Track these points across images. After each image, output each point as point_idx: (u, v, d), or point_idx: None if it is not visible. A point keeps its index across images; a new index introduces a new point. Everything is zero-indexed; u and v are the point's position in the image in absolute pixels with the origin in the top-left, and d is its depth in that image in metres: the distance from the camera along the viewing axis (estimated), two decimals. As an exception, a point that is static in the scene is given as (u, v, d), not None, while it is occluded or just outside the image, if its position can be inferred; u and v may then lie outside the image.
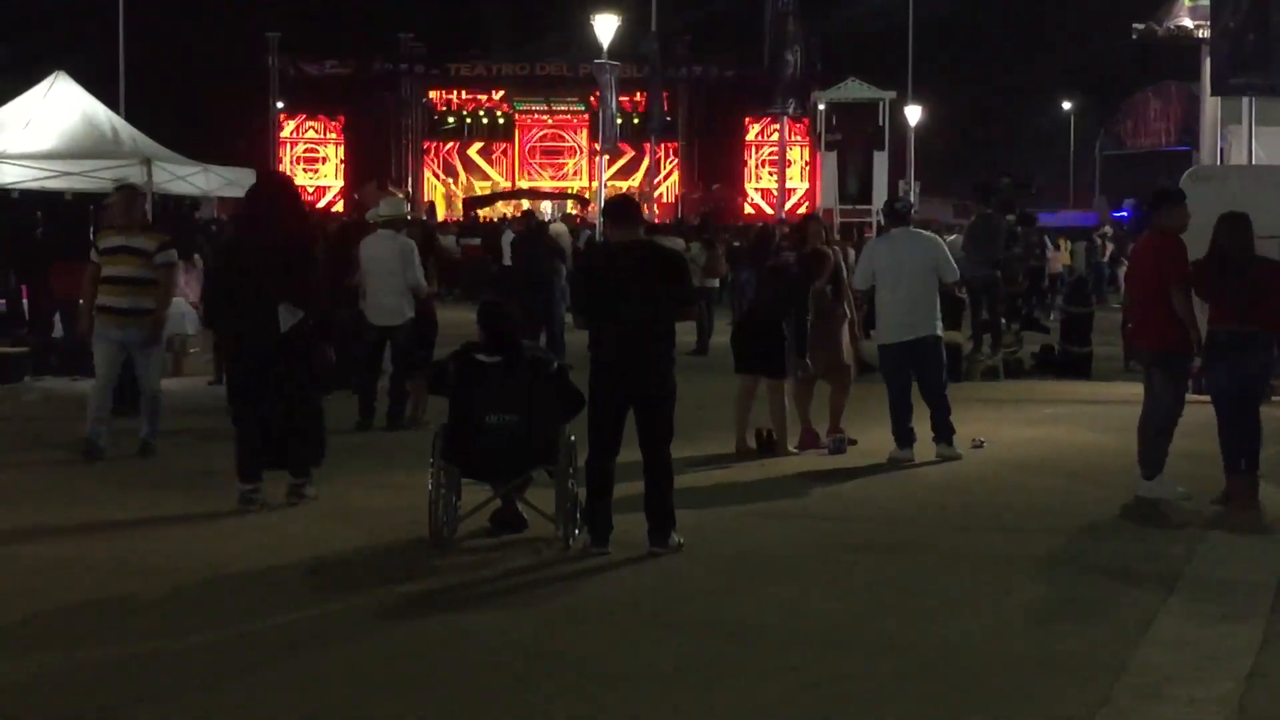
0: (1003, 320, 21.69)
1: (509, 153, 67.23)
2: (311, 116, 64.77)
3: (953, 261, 14.04)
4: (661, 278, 9.90)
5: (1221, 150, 32.03)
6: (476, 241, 38.00)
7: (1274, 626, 8.20)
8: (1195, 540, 10.43)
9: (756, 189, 63.48)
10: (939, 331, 13.87)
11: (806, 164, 61.34)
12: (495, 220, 49.37)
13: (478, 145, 66.92)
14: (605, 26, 42.03)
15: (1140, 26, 31.57)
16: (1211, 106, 30.93)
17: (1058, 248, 41.71)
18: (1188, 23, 30.31)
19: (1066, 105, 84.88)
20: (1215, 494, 11.55)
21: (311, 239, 12.16)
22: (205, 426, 14.82)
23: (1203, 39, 29.22)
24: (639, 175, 62.41)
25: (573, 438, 10.08)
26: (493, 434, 9.93)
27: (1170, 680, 7.21)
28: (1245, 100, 31.00)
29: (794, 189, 59.60)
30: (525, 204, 50.45)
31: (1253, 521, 11.14)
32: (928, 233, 14.30)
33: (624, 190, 52.82)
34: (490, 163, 67.08)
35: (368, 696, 6.98)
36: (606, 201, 11.09)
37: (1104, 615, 8.45)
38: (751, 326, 14.25)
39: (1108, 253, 42.99)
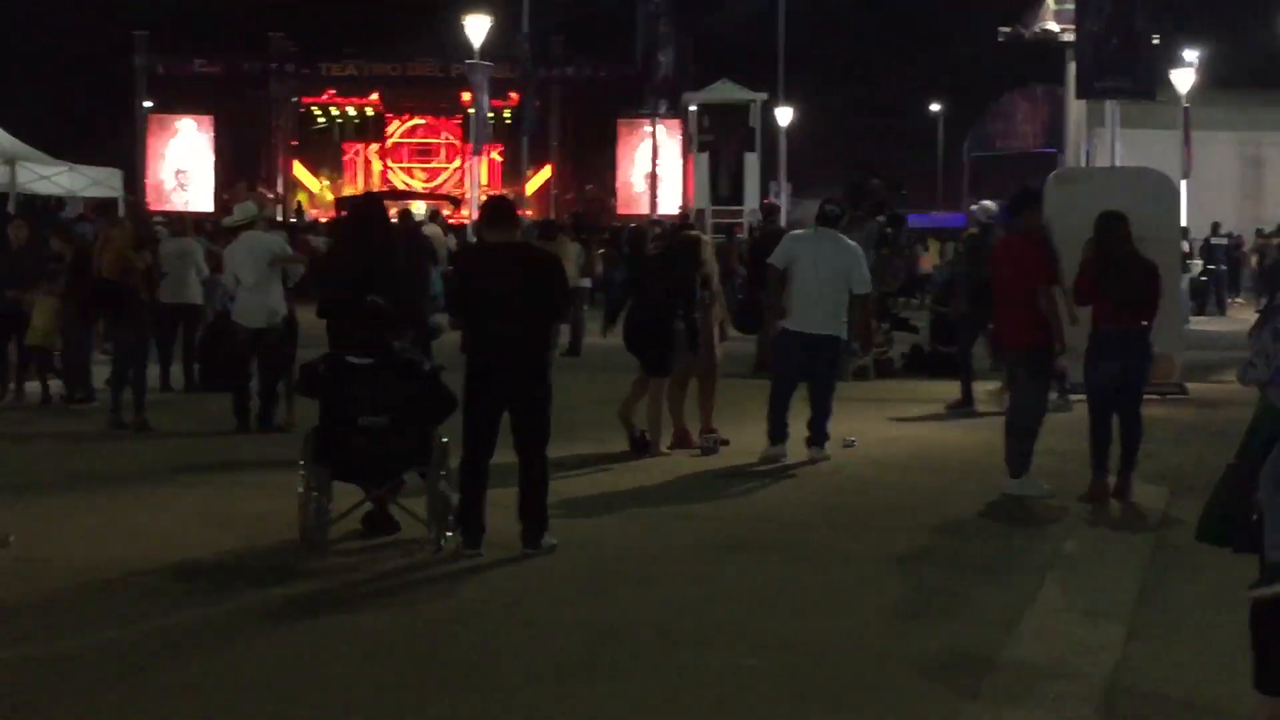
0: (873, 320, 21.84)
1: (377, 153, 66.74)
2: (181, 116, 63.94)
3: (867, 275, 14.15)
4: (538, 280, 9.90)
5: (1087, 152, 32.58)
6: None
7: (1139, 620, 8.34)
8: (1062, 537, 10.59)
9: (628, 189, 63.52)
10: (842, 335, 14.01)
11: (678, 165, 61.47)
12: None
13: (334, 146, 66.34)
14: (477, 27, 41.88)
15: (1007, 30, 32.05)
16: (1076, 109, 31.46)
17: (926, 248, 42.16)
18: (1053, 26, 30.83)
19: (935, 107, 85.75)
20: (1081, 491, 11.73)
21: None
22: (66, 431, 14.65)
23: (1068, 43, 29.69)
24: (512, 175, 62.24)
25: (445, 439, 10.05)
26: (364, 436, 9.87)
27: (1039, 675, 7.31)
28: (1109, 103, 31.61)
29: (666, 190, 59.67)
30: (404, 205, 50.15)
31: (1118, 517, 11.33)
32: (852, 242, 14.38)
33: (499, 193, 52.67)
34: (357, 163, 66.53)
35: (247, 700, 6.92)
36: (484, 203, 11.06)
37: (973, 611, 8.55)
38: (640, 324, 14.20)
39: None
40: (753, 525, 11.08)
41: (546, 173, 63.60)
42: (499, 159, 62.73)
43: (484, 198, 14.11)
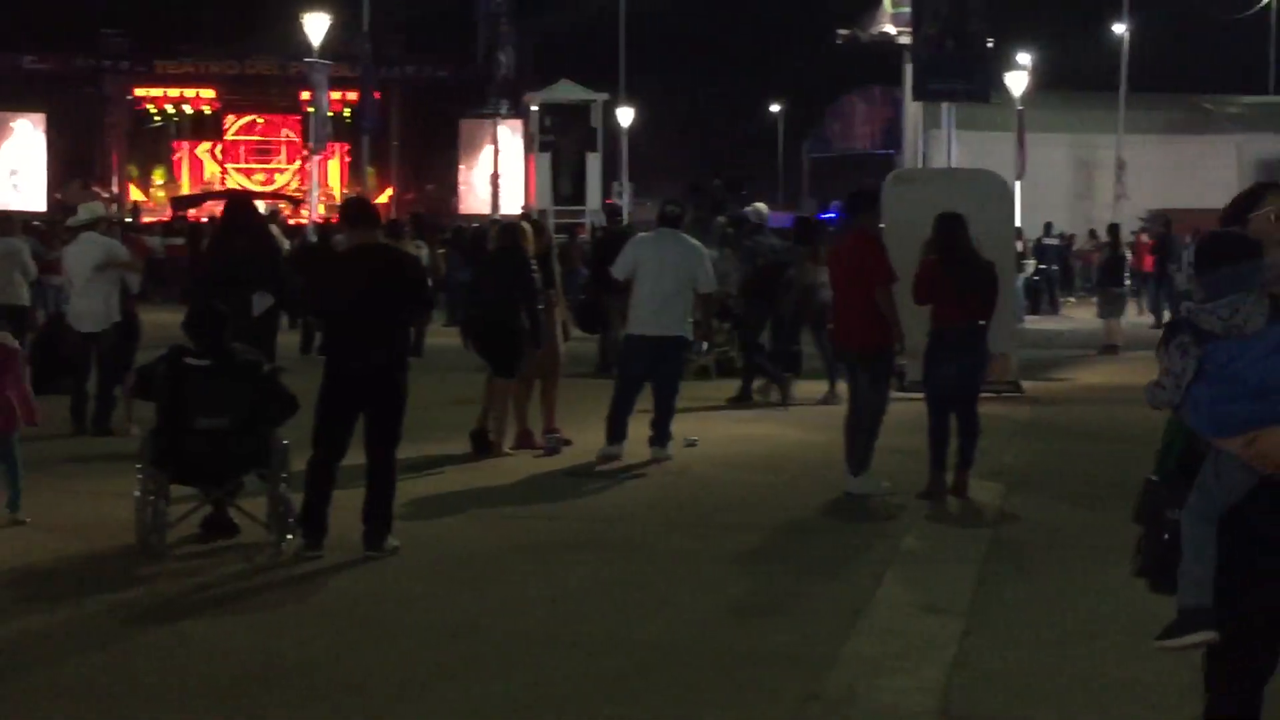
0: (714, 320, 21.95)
1: (215, 151, 65.92)
2: (16, 115, 62.67)
3: (711, 273, 14.20)
4: (398, 281, 9.86)
5: (923, 153, 33.03)
6: (180, 241, 37.20)
7: (976, 616, 8.47)
8: (901, 534, 10.73)
9: (470, 189, 63.29)
10: (687, 335, 14.07)
11: (520, 165, 61.37)
12: (205, 220, 48.40)
13: (187, 144, 65.47)
14: (316, 25, 41.50)
15: (845, 32, 32.38)
16: (913, 111, 31.88)
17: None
18: (890, 29, 31.17)
19: (775, 108, 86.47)
20: (920, 488, 11.89)
21: None
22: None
23: (904, 45, 30.08)
24: (351, 176, 61.78)
25: (285, 442, 9.96)
26: (203, 438, 9.75)
27: (879, 670, 7.40)
28: (945, 105, 32.04)
29: (508, 190, 59.54)
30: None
31: (956, 514, 11.50)
32: (695, 241, 14.42)
33: (356, 192, 52.29)
34: (193, 162, 65.66)
35: (84, 709, 6.81)
36: (344, 203, 10.96)
37: (814, 608, 8.64)
38: (485, 325, 14.14)
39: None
40: (597, 525, 11.10)
41: (387, 172, 63.19)
42: (340, 158, 62.22)
43: (347, 198, 13.90)
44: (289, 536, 9.83)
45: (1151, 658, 7.64)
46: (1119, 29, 56.83)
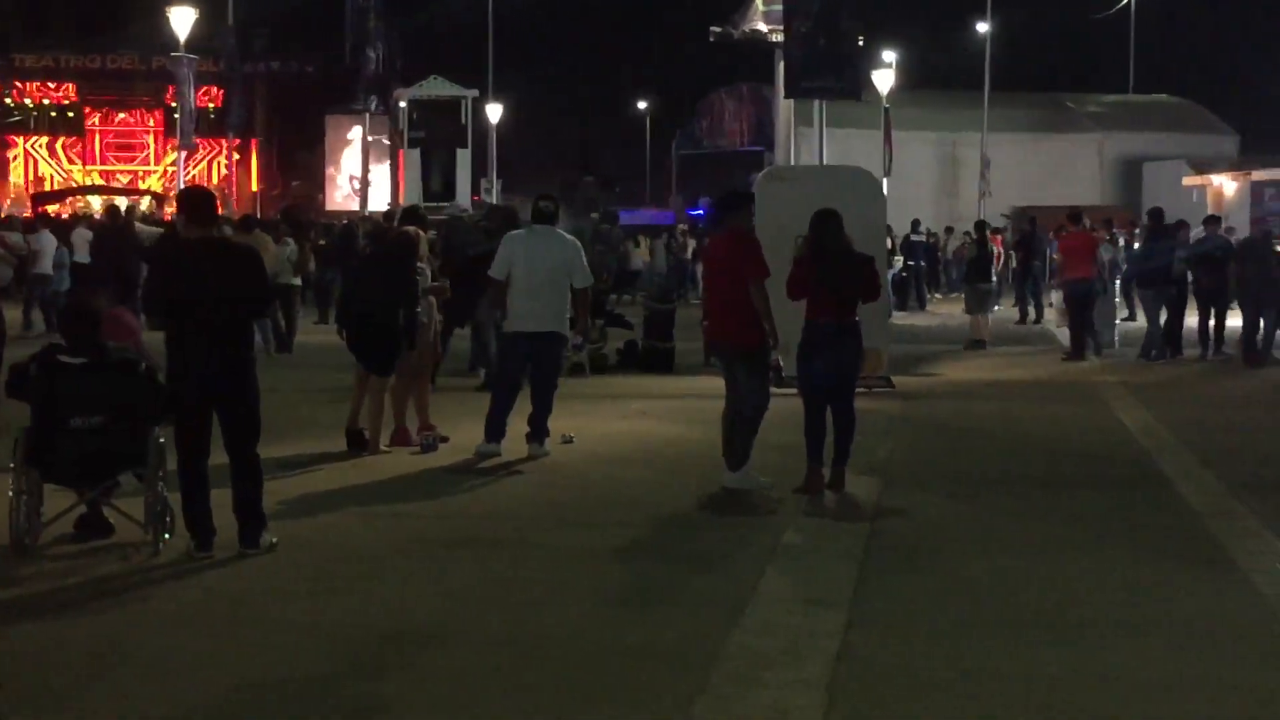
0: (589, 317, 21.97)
1: (78, 147, 65.00)
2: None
3: (587, 269, 14.16)
4: (238, 276, 9.72)
5: (794, 151, 33.21)
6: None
7: (858, 609, 8.54)
8: (781, 529, 10.77)
9: (338, 186, 62.90)
10: (565, 332, 14.04)
11: (389, 161, 61.08)
12: (67, 217, 47.69)
13: (44, 139, 64.50)
14: (181, 19, 40.94)
15: (718, 29, 32.46)
16: (785, 108, 32.04)
17: (637, 244, 42.51)
18: (762, 27, 31.27)
19: (642, 105, 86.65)
20: (797, 483, 11.96)
21: None
22: None
23: (776, 43, 30.26)
24: (217, 172, 61.19)
25: (162, 440, 9.83)
26: (77, 437, 9.60)
27: (764, 664, 7.43)
28: (816, 103, 32.24)
29: (376, 186, 59.25)
30: (109, 201, 48.91)
31: (834, 508, 11.58)
32: (570, 236, 14.38)
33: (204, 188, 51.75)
34: (59, 157, 64.72)
35: (-48, 713, 6.69)
36: (181, 196, 10.75)
37: (696, 603, 8.66)
38: (361, 323, 14.03)
39: (689, 250, 44.07)
40: (476, 522, 11.06)
41: (253, 169, 62.61)
42: (208, 154, 61.57)
43: (184, 191, 13.64)
44: (167, 536, 9.71)
45: (1029, 647, 7.78)
46: (983, 28, 57.53)
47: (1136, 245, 30.17)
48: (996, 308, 29.63)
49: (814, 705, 6.88)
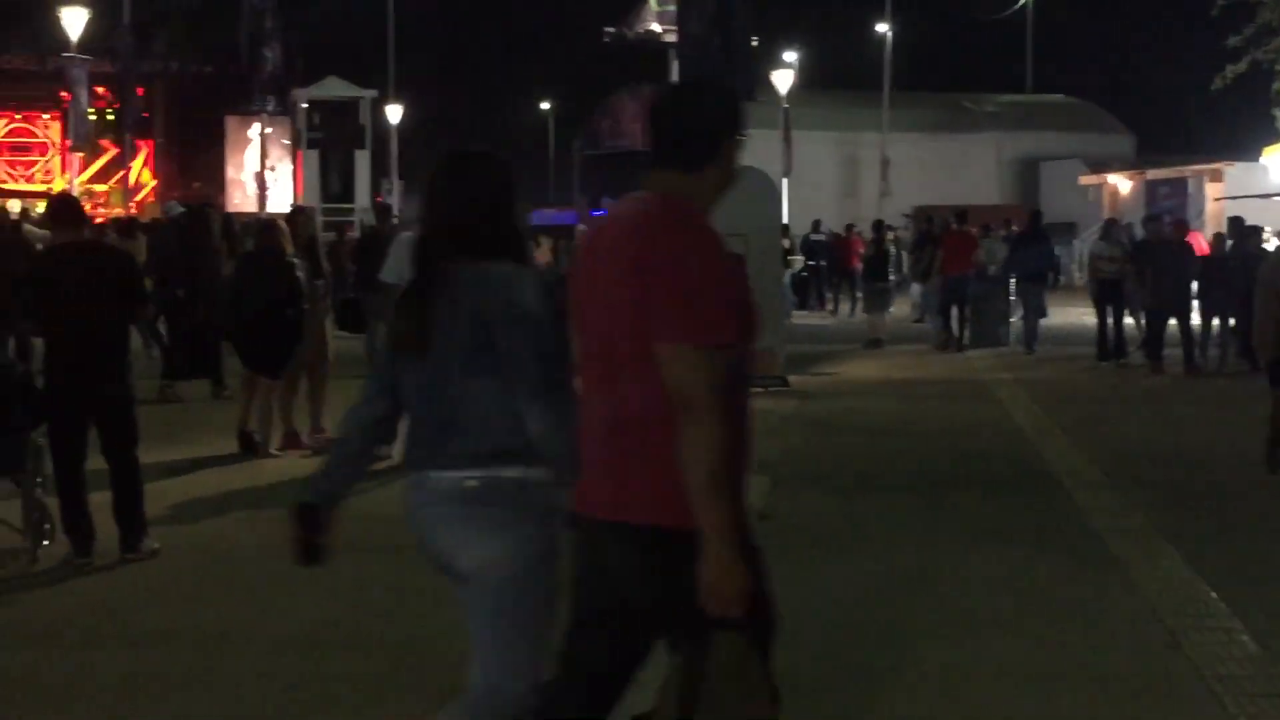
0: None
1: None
2: None
3: None
4: (112, 279, 9.60)
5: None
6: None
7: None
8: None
9: (238, 186, 62.39)
10: None
11: (289, 162, 60.68)
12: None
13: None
14: (74, 20, 40.50)
15: (611, 30, 32.49)
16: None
17: (539, 245, 42.37)
18: (656, 27, 31.34)
19: (545, 105, 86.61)
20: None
21: None
22: None
23: (670, 44, 30.31)
24: (134, 174, 60.60)
25: (40, 444, 9.69)
26: (-48, 443, 9.45)
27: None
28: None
29: (276, 187, 58.84)
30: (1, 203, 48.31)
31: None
32: None
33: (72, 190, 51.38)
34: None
35: None
36: (48, 202, 10.62)
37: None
38: (251, 323, 13.89)
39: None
40: (366, 525, 10.88)
41: (151, 170, 62.07)
42: (107, 156, 60.91)
43: (51, 197, 13.33)
44: (45, 542, 9.58)
45: (911, 645, 7.80)
46: (882, 28, 57.92)
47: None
48: (892, 309, 29.85)
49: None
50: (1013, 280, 26.47)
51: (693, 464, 4.04)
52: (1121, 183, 55.65)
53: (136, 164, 61.58)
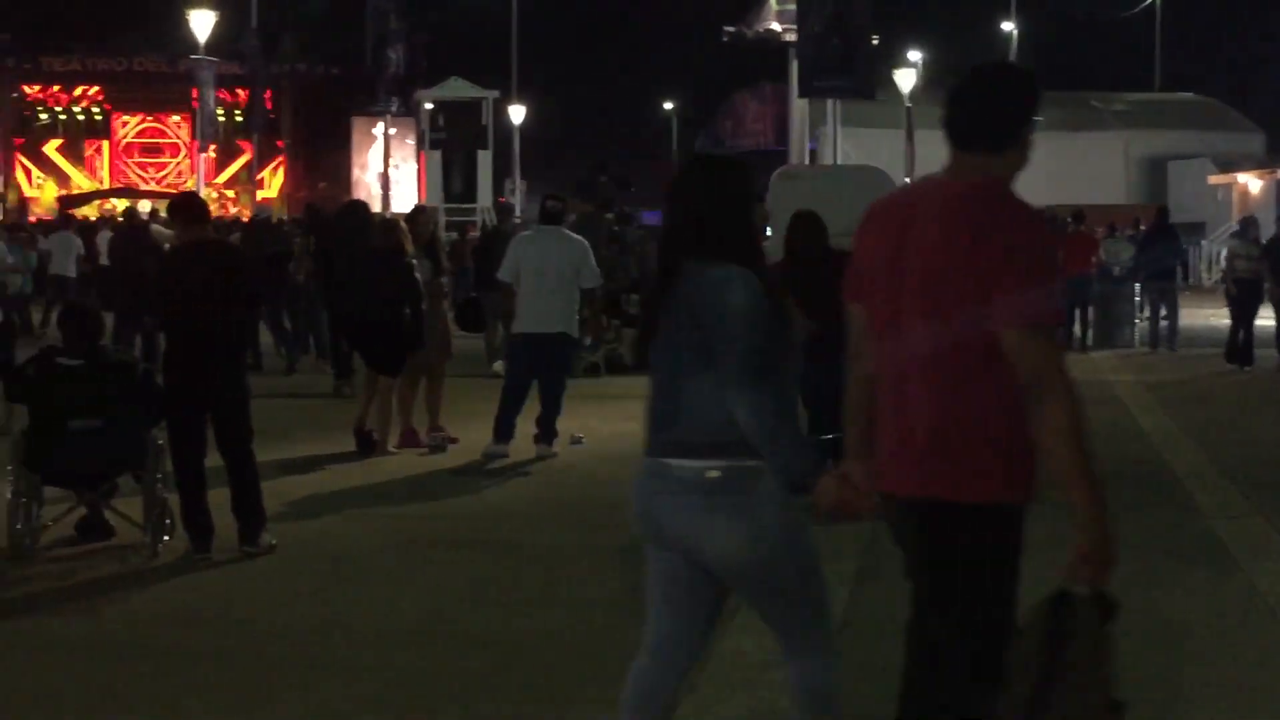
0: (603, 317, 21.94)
1: (103, 150, 65.12)
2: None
3: (596, 269, 14.08)
4: (228, 277, 9.74)
5: (811, 150, 33.14)
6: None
7: (854, 611, 8.49)
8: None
9: (362, 187, 62.97)
10: (573, 332, 14.00)
11: (412, 163, 61.17)
12: (92, 220, 47.87)
13: (58, 143, 64.53)
14: (202, 23, 41.05)
15: (731, 29, 32.41)
16: (800, 108, 31.98)
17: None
18: (775, 26, 31.20)
19: (668, 105, 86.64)
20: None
21: None
22: None
23: (789, 43, 30.18)
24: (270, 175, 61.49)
25: (160, 442, 9.84)
26: (76, 439, 9.60)
27: (759, 665, 7.39)
28: (830, 102, 32.15)
29: (399, 187, 59.34)
30: (122, 203, 49.08)
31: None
32: (577, 236, 14.34)
33: (191, 191, 52.04)
34: (82, 160, 64.79)
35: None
36: (171, 202, 10.77)
37: (691, 604, 8.61)
38: (363, 324, 14.04)
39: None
40: (479, 523, 11.05)
41: (281, 171, 62.80)
42: (243, 158, 61.73)
43: (173, 196, 13.56)
44: (166, 538, 9.72)
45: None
46: (1008, 27, 57.39)
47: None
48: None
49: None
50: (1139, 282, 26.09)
51: (1057, 440, 4.29)
52: (1252, 182, 54.74)
53: (267, 171, 62.40)
